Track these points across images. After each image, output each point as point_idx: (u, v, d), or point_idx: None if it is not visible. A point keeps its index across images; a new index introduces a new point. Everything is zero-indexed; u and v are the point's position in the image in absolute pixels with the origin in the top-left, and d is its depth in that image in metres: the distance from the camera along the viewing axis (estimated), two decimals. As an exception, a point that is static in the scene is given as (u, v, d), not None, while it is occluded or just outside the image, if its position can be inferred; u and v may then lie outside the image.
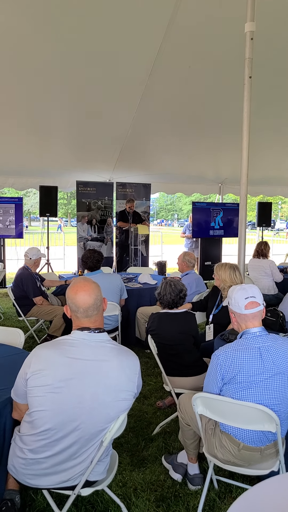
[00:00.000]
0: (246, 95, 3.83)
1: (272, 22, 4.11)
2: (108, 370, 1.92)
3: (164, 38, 4.30)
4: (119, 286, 4.57)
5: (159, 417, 3.49)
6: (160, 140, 7.53)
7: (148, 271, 6.65)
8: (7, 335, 3.16)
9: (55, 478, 1.94)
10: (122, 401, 1.94)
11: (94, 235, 9.31)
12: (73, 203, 44.70)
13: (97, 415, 1.89)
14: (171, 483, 2.65)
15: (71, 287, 2.01)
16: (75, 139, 7.43)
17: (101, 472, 2.04)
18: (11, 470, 2.00)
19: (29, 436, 1.93)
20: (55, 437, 1.89)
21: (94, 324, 1.99)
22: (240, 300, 2.22)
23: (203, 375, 3.14)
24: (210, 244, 9.87)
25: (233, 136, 6.88)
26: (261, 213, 10.35)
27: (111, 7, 3.90)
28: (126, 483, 2.65)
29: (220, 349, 2.20)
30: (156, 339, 3.18)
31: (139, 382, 2.03)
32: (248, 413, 2.08)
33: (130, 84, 5.28)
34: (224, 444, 2.20)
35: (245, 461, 2.18)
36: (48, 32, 4.18)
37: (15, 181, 9.16)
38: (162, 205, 54.62)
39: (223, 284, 3.74)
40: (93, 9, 3.88)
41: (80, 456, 1.93)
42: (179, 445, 3.03)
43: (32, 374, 1.88)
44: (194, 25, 4.19)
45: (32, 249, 5.15)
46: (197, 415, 2.26)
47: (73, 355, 1.90)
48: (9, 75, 5.00)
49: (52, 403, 1.85)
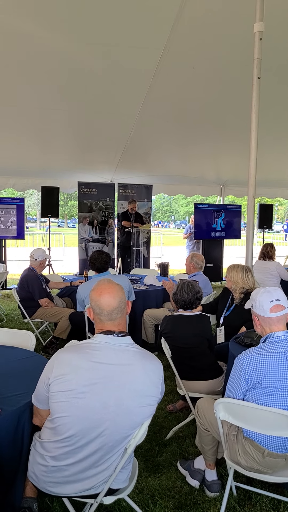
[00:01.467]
0: (255, 95, 3.82)
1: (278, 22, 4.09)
2: (132, 375, 1.86)
3: (168, 39, 4.28)
4: (127, 288, 4.51)
5: (171, 421, 3.43)
6: (162, 141, 7.50)
7: (152, 272, 6.60)
8: (18, 338, 3.09)
9: (78, 486, 1.88)
10: (146, 407, 1.88)
11: (96, 236, 9.25)
12: (70, 204, 44.65)
13: (122, 421, 1.83)
14: (189, 490, 2.60)
15: (94, 289, 1.95)
16: (77, 139, 7.39)
17: (124, 480, 1.99)
18: (32, 478, 1.94)
19: (51, 443, 1.87)
20: (79, 444, 1.83)
21: (117, 327, 1.94)
22: (265, 303, 2.17)
23: (218, 378, 3.10)
24: (212, 246, 9.83)
25: (235, 138, 6.91)
26: (262, 215, 10.33)
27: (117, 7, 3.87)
28: (142, 489, 2.59)
29: (244, 353, 2.15)
30: (170, 342, 3.13)
31: (163, 387, 1.98)
32: (273, 419, 2.03)
33: (133, 84, 5.25)
34: (248, 451, 2.15)
35: (269, 468, 2.14)
36: (51, 32, 4.14)
37: (16, 182, 9.09)
38: (159, 206, 54.59)
39: (234, 285, 3.70)
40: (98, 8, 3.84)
41: (104, 464, 1.87)
42: (194, 450, 2.98)
43: (54, 379, 1.82)
44: (199, 26, 4.18)
45: (37, 250, 5.08)
46: (219, 420, 2.20)
47: (97, 359, 1.85)
48: (12, 75, 4.96)
49: (76, 408, 1.79)
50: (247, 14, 3.68)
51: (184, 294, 3.21)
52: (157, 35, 4.25)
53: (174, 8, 3.87)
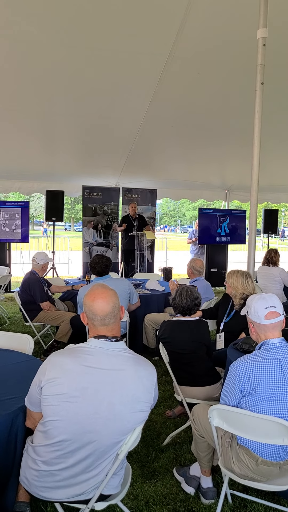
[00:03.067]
0: (258, 101, 3.81)
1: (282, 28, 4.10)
2: (125, 380, 1.86)
3: (173, 45, 4.30)
4: (127, 291, 4.50)
5: (169, 427, 3.42)
6: (167, 146, 7.53)
7: (155, 277, 6.60)
8: (16, 341, 3.10)
9: (69, 491, 1.87)
10: (138, 413, 1.88)
11: (100, 240, 9.27)
12: (76, 208, 44.79)
13: (113, 426, 1.83)
14: (184, 497, 2.58)
15: (88, 294, 1.96)
16: (83, 144, 7.43)
17: (116, 486, 1.98)
18: (23, 482, 1.94)
19: (43, 447, 1.87)
20: (70, 448, 1.83)
21: (111, 332, 1.94)
22: (259, 309, 2.16)
23: (216, 385, 3.09)
24: (216, 251, 9.81)
25: (240, 143, 6.90)
26: (267, 220, 10.30)
27: (123, 14, 3.90)
28: (137, 495, 2.58)
29: (239, 360, 2.14)
30: (167, 347, 3.12)
31: (156, 393, 1.98)
32: (267, 426, 2.02)
33: (138, 90, 5.28)
34: (242, 458, 2.13)
35: (263, 476, 2.12)
36: (57, 38, 4.18)
37: (21, 185, 9.15)
38: (165, 211, 54.61)
39: (234, 291, 3.69)
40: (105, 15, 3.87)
41: (95, 469, 1.87)
42: (190, 457, 2.96)
43: (46, 382, 1.82)
44: (203, 32, 4.19)
45: (40, 254, 5.10)
46: (213, 427, 2.19)
47: (89, 363, 1.85)
48: (18, 80, 5.01)
49: (67, 412, 1.79)
50: (251, 20, 3.69)
51: (182, 300, 3.20)
52: (162, 41, 4.27)
53: (179, 15, 3.89)
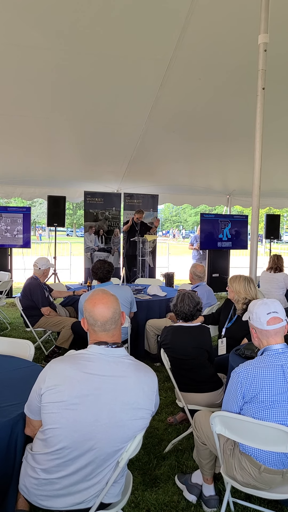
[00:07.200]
0: (259, 106, 3.81)
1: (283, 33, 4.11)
2: (125, 387, 1.83)
3: (175, 50, 4.31)
4: (129, 299, 4.49)
5: (171, 433, 3.38)
6: (169, 151, 7.53)
7: (156, 282, 6.58)
8: (16, 347, 3.08)
9: (69, 499, 1.85)
10: (139, 420, 1.85)
11: (101, 246, 9.27)
12: (78, 213, 44.83)
13: (114, 434, 1.81)
14: (186, 505, 2.55)
15: (89, 299, 1.94)
16: (84, 149, 7.44)
17: (116, 494, 1.95)
18: (23, 491, 1.91)
19: (42, 455, 1.84)
20: (70, 456, 1.80)
21: (112, 338, 1.92)
22: (262, 315, 2.14)
23: (218, 391, 3.06)
24: (218, 256, 9.79)
25: (242, 148, 6.90)
26: (269, 226, 10.28)
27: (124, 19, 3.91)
28: (138, 503, 2.55)
29: (241, 366, 2.11)
30: (169, 353, 3.09)
31: (157, 400, 1.95)
32: (270, 434, 1.99)
33: (140, 95, 5.29)
34: (244, 466, 2.10)
35: (266, 484, 2.09)
36: (60, 43, 4.20)
37: (23, 191, 9.17)
38: (167, 216, 54.58)
39: (237, 296, 3.66)
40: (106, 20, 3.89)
41: (95, 477, 1.84)
42: (192, 464, 2.93)
43: (46, 389, 1.80)
44: (205, 37, 4.21)
45: (41, 259, 5.10)
46: (215, 434, 2.17)
47: (90, 370, 1.83)
48: (20, 86, 5.02)
49: (67, 420, 1.77)
50: (252, 25, 3.70)
51: (185, 306, 3.17)
52: (164, 46, 4.29)
53: (181, 20, 3.91)
